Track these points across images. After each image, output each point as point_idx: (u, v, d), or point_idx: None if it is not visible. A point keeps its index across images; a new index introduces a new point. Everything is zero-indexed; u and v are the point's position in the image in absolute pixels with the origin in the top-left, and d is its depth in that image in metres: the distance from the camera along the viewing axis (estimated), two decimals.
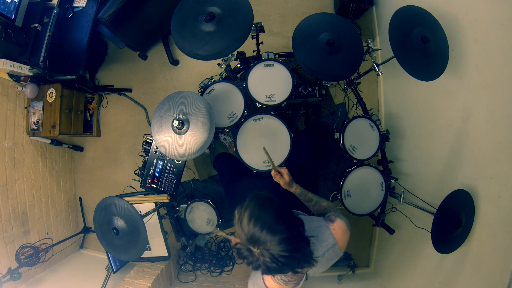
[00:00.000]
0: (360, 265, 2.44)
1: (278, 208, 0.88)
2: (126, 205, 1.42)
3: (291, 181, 1.24)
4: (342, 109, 2.38)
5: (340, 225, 1.07)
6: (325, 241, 1.03)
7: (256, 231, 0.82)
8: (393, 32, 1.35)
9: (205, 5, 1.41)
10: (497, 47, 1.26)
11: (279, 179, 1.24)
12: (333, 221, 1.08)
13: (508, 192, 1.23)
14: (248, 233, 0.83)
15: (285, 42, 2.43)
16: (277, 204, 0.89)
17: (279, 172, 1.24)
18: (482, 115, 1.38)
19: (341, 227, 1.07)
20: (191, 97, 1.40)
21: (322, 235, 1.04)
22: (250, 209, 0.86)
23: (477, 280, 1.34)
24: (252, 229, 0.82)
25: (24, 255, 1.99)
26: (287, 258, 0.81)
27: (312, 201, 1.25)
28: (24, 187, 2.20)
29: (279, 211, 0.87)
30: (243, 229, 0.84)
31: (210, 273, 2.39)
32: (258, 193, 0.93)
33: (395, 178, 1.79)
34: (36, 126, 2.18)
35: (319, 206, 1.25)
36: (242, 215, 0.86)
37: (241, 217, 0.86)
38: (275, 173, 1.24)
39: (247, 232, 0.83)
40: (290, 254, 0.82)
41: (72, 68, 2.03)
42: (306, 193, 1.25)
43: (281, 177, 1.23)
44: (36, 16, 1.95)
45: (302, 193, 1.25)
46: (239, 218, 0.87)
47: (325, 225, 1.07)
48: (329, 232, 1.04)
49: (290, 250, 0.82)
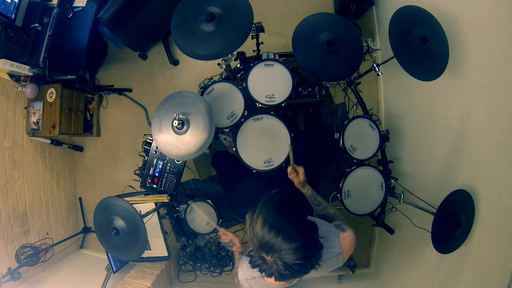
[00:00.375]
0: (360, 265, 2.44)
1: (294, 212, 0.84)
2: (126, 205, 1.42)
3: (305, 181, 1.23)
4: (342, 109, 2.38)
5: (349, 236, 1.06)
6: (332, 248, 1.02)
7: (270, 237, 0.78)
8: (393, 32, 1.35)
9: (205, 5, 1.41)
10: (497, 47, 1.27)
11: (294, 177, 1.22)
12: (344, 231, 1.07)
13: (508, 192, 1.23)
14: (262, 240, 0.79)
15: (285, 42, 2.43)
16: (293, 208, 0.86)
17: (296, 170, 1.22)
18: (482, 115, 1.38)
19: (350, 238, 1.06)
20: (191, 97, 1.40)
21: (331, 241, 1.03)
22: (264, 214, 0.81)
23: (477, 280, 1.34)
24: (267, 235, 0.78)
25: (24, 255, 1.99)
26: (301, 266, 0.79)
27: (320, 205, 1.24)
28: (24, 187, 2.20)
29: (295, 216, 0.83)
30: (256, 235, 0.80)
31: (210, 273, 2.39)
32: (272, 195, 0.89)
33: (395, 178, 1.79)
34: (36, 126, 2.18)
35: (326, 212, 1.24)
36: (255, 220, 0.82)
37: (253, 222, 0.82)
38: (292, 170, 1.23)
39: (260, 238, 0.79)
40: (304, 262, 0.79)
41: (72, 68, 2.03)
42: (316, 197, 1.24)
43: (296, 175, 1.22)
44: (36, 16, 1.95)
45: (312, 196, 1.23)
46: (252, 223, 0.83)
47: (335, 232, 1.06)
48: (338, 240, 1.03)
49: (305, 258, 0.79)
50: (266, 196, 0.89)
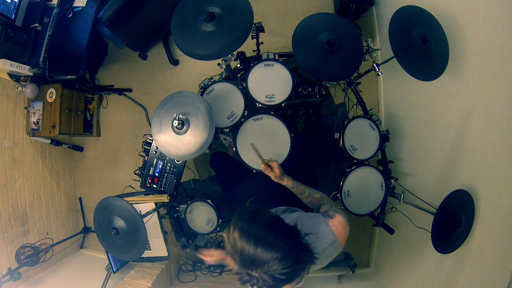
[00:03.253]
0: (360, 265, 2.44)
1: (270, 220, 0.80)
2: (126, 205, 1.42)
3: (282, 174, 1.23)
4: (342, 109, 2.38)
5: (339, 221, 1.03)
6: (325, 238, 1.00)
7: (250, 250, 0.73)
8: (393, 32, 1.35)
9: (205, 5, 1.41)
10: (497, 47, 1.26)
11: (269, 172, 1.23)
12: (332, 217, 1.04)
13: (508, 192, 1.23)
14: (242, 255, 0.75)
15: (285, 42, 2.43)
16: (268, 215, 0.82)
17: (269, 165, 1.23)
18: (482, 115, 1.38)
19: (340, 222, 1.03)
20: (191, 97, 1.40)
21: (322, 232, 1.01)
22: (239, 227, 0.77)
23: (477, 280, 1.34)
24: (246, 248, 0.74)
25: (24, 255, 1.99)
26: (290, 274, 0.75)
27: (304, 193, 1.24)
28: (24, 187, 2.20)
29: (271, 223, 0.79)
30: (236, 251, 0.76)
31: (210, 273, 2.39)
32: (245, 207, 0.86)
33: (395, 178, 1.79)
34: (36, 126, 2.18)
35: (312, 198, 1.24)
36: (232, 235, 0.77)
37: (230, 238, 0.78)
38: (265, 167, 1.23)
39: (240, 253, 0.75)
40: (292, 269, 0.75)
41: (72, 68, 2.03)
42: (298, 185, 1.24)
43: (271, 170, 1.23)
44: (36, 16, 1.95)
45: (294, 186, 1.24)
46: (229, 239, 0.78)
47: (324, 221, 1.03)
48: (328, 228, 1.01)
49: (292, 265, 0.75)
50: (238, 208, 0.85)
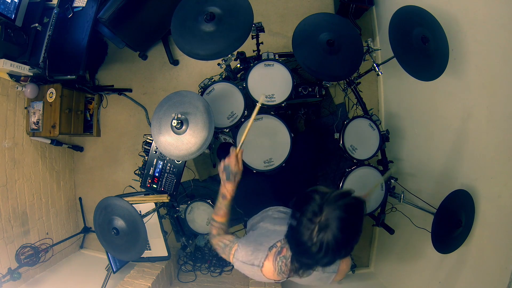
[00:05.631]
0: (360, 265, 2.44)
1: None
2: (126, 205, 1.41)
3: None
4: (342, 109, 2.38)
5: (347, 260, 1.04)
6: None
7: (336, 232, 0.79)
8: (393, 32, 1.35)
9: (205, 5, 1.41)
10: (497, 47, 1.27)
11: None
12: None
13: (508, 192, 1.23)
14: (325, 218, 0.80)
15: (285, 42, 2.43)
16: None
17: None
18: (482, 115, 1.38)
19: (347, 262, 1.04)
20: (188, 96, 1.40)
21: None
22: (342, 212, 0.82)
23: (477, 280, 1.34)
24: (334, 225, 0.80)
25: (24, 255, 1.99)
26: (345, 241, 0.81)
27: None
28: (24, 187, 2.20)
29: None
30: (324, 211, 0.81)
31: (210, 273, 2.39)
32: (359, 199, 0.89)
33: (395, 178, 1.79)
34: (36, 126, 2.18)
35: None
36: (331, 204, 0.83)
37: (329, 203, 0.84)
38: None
39: (325, 217, 0.80)
40: (349, 238, 0.82)
41: (72, 68, 2.02)
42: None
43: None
44: (36, 16, 1.95)
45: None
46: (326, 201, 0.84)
47: None
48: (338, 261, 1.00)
49: (349, 235, 0.82)
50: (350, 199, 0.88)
